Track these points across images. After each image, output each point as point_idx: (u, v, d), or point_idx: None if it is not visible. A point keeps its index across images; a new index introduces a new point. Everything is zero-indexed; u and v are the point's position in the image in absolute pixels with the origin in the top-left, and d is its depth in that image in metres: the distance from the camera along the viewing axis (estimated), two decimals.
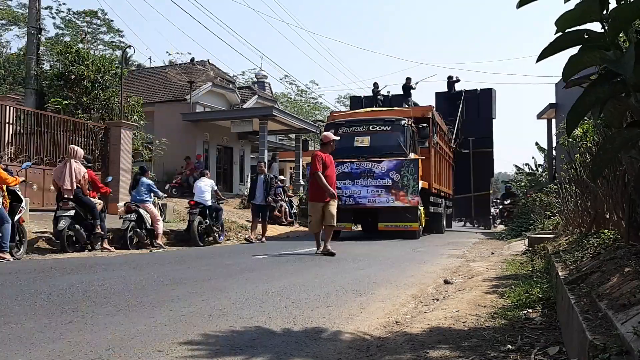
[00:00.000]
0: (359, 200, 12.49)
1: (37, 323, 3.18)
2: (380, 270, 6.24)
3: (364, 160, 12.55)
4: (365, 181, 12.46)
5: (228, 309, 3.69)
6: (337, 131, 13.06)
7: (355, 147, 12.93)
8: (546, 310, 3.42)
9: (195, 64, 26.46)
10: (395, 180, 12.31)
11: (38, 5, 15.86)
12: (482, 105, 22.78)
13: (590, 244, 4.40)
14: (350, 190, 12.53)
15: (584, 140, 5.62)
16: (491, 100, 22.80)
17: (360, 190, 12.47)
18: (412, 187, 12.26)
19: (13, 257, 7.51)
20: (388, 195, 12.35)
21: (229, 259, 7.60)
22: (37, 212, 10.75)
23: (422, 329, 3.14)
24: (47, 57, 25.35)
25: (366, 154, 12.72)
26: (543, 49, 1.67)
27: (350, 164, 12.58)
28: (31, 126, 12.49)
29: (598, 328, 2.02)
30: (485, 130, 22.36)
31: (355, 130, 13.31)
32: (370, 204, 12.48)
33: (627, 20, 1.52)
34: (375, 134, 13.14)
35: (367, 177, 12.46)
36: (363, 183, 12.46)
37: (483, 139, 22.06)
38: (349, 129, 13.37)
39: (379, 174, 12.41)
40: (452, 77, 23.97)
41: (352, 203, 12.52)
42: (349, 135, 13.11)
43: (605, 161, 1.71)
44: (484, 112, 22.73)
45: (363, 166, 12.50)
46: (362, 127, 13.35)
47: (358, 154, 12.76)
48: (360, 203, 12.51)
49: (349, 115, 15.39)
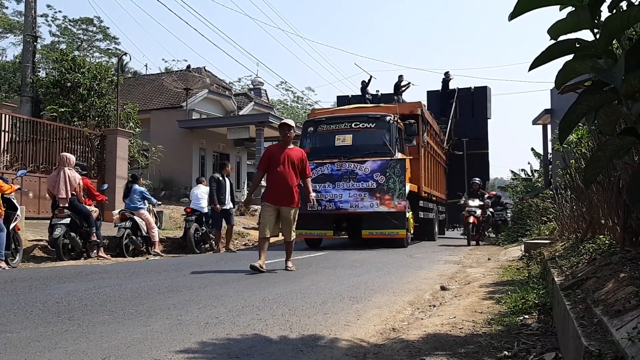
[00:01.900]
0: (340, 205, 11.40)
1: (33, 332, 3.17)
2: (377, 277, 6.24)
3: (345, 161, 11.48)
4: (347, 184, 11.40)
5: (224, 316, 3.68)
6: (316, 129, 12.33)
7: (336, 147, 11.92)
8: (542, 316, 3.43)
9: (191, 71, 26.52)
10: (380, 183, 11.25)
11: (34, 13, 15.87)
12: (477, 105, 21.52)
13: (586, 250, 4.41)
14: (330, 194, 11.47)
15: (579, 146, 5.66)
16: (486, 99, 21.59)
17: (342, 193, 11.41)
18: (398, 190, 11.22)
19: (9, 265, 7.48)
20: (372, 200, 11.27)
21: (225, 266, 7.58)
22: (33, 220, 10.73)
23: (418, 335, 3.14)
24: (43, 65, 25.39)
25: (348, 153, 11.65)
26: (535, 57, 1.69)
27: (331, 165, 11.55)
28: (27, 134, 12.49)
29: (593, 334, 2.03)
30: (479, 130, 21.05)
31: (336, 128, 12.24)
32: (353, 209, 11.39)
33: (618, 29, 1.54)
34: (357, 131, 12.04)
35: (348, 180, 11.39)
36: (344, 186, 11.41)
37: (477, 140, 20.72)
38: (329, 126, 12.36)
39: (362, 176, 11.36)
40: (448, 73, 22.51)
41: (333, 208, 11.49)
42: (329, 134, 12.21)
43: (597, 169, 1.73)
44: (479, 111, 21.48)
45: (344, 167, 11.45)
46: (343, 125, 12.22)
47: (339, 153, 11.72)
48: (341, 208, 11.44)
49: (331, 112, 14.28)
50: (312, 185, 11.69)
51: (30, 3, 15.58)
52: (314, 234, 12.03)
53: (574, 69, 1.62)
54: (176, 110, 22.94)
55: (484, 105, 21.46)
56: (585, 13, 1.55)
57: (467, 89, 22.01)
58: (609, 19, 1.54)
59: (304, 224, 11.08)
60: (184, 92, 23.00)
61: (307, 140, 12.33)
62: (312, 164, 10.79)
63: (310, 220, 11.18)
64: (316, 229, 11.79)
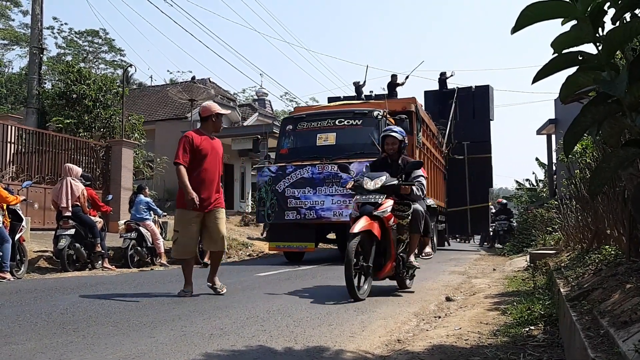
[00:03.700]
0: (322, 213, 9.96)
1: (38, 343, 3.17)
2: (381, 288, 6.22)
3: (328, 163, 10.01)
4: (330, 189, 9.94)
5: (229, 328, 3.67)
6: (295, 127, 11.06)
7: (318, 147, 10.50)
8: (548, 327, 3.41)
9: (196, 82, 26.65)
10: None
11: (40, 25, 16.02)
12: (478, 105, 19.82)
13: (592, 260, 4.39)
14: (311, 201, 10.06)
15: (584, 156, 5.65)
16: (488, 100, 19.95)
17: (324, 200, 9.95)
18: None
19: (14, 276, 7.50)
20: None
21: (230, 276, 7.58)
22: (38, 231, 10.76)
23: (424, 347, 3.13)
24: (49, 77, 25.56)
25: (331, 154, 10.17)
26: (539, 70, 1.70)
27: (312, 168, 10.13)
28: (33, 145, 12.56)
29: (600, 345, 2.02)
30: (481, 133, 19.36)
31: (318, 126, 10.81)
32: (336, 217, 9.87)
33: (620, 42, 1.55)
34: (342, 129, 10.60)
35: (332, 184, 9.92)
36: (327, 191, 9.96)
37: (479, 144, 19.09)
38: (310, 124, 10.93)
39: (347, 180, 9.97)
40: (444, 73, 20.80)
41: (314, 217, 10.05)
42: (310, 132, 10.81)
43: (603, 180, 1.73)
44: (480, 112, 19.76)
45: (327, 170, 9.98)
46: (326, 122, 10.78)
47: (321, 154, 10.31)
48: (323, 217, 9.99)
49: (314, 109, 12.86)
50: (290, 191, 10.43)
51: (36, 16, 15.73)
52: (292, 247, 10.80)
53: (578, 82, 1.63)
54: (181, 121, 23.02)
55: (486, 105, 19.92)
56: (588, 26, 1.57)
57: (468, 88, 20.41)
58: (611, 32, 1.55)
59: (282, 236, 10.69)
60: (189, 103, 23.07)
61: (285, 139, 11.15)
62: (291, 166, 10.34)
63: (288, 231, 10.49)
64: (295, 240, 10.63)
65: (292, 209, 10.22)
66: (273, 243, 11.14)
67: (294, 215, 10.19)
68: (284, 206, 10.29)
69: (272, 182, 10.46)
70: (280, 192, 10.34)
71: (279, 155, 11.18)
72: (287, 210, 10.26)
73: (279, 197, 10.34)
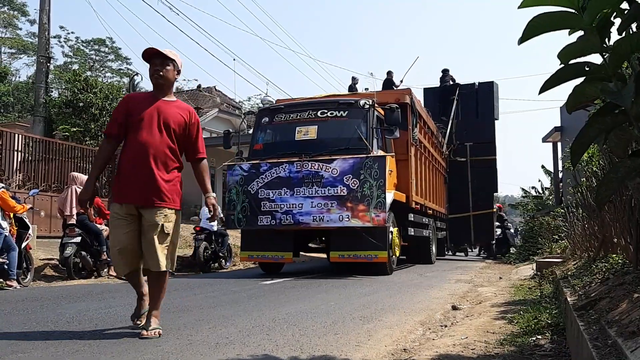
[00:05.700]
0: (301, 218, 8.59)
1: (45, 352, 3.17)
2: (387, 296, 6.20)
3: (307, 160, 8.70)
4: (310, 190, 8.57)
5: (235, 337, 3.67)
6: (272, 119, 9.73)
7: (297, 142, 9.18)
8: (555, 336, 3.39)
9: (201, 90, 26.79)
10: (352, 188, 8.34)
11: (47, 34, 16.17)
12: (481, 104, 18.05)
13: (599, 269, 4.37)
14: (287, 204, 8.68)
15: (590, 164, 5.64)
16: (492, 97, 18.12)
17: (303, 203, 8.58)
18: (376, 197, 8.26)
19: (20, 284, 7.52)
20: (342, 211, 8.35)
21: (235, 285, 7.57)
22: (44, 239, 10.81)
23: (430, 356, 3.11)
24: (55, 85, 25.74)
25: (311, 150, 8.89)
26: (545, 80, 1.71)
27: (289, 166, 8.78)
28: (39, 153, 12.65)
29: (608, 356, 2.01)
30: (485, 133, 17.60)
31: (297, 118, 9.45)
32: (316, 223, 8.53)
33: (627, 52, 1.56)
34: (324, 122, 9.23)
35: (311, 185, 8.57)
36: (306, 193, 8.59)
37: (483, 145, 17.44)
38: (289, 115, 9.57)
39: (329, 180, 8.49)
40: (447, 70, 18.98)
41: (291, 222, 8.65)
42: (288, 125, 9.47)
43: (610, 190, 1.73)
44: (484, 111, 17.98)
45: (306, 168, 8.65)
46: (306, 114, 9.43)
47: (300, 150, 8.98)
48: (301, 222, 8.61)
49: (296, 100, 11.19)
50: (264, 192, 8.84)
51: (44, 25, 15.88)
52: (267, 257, 9.34)
53: (585, 93, 1.63)
54: None
55: (490, 104, 18.09)
56: (595, 37, 1.57)
57: (471, 85, 18.50)
58: (617, 43, 1.56)
59: (255, 244, 9.34)
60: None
61: (260, 133, 9.91)
62: (265, 164, 8.97)
63: (262, 239, 9.17)
64: (270, 250, 9.19)
65: (265, 212, 8.79)
66: (245, 252, 9.71)
67: (268, 220, 8.76)
68: (257, 210, 8.86)
69: (243, 182, 9.04)
70: (252, 193, 8.93)
71: (252, 152, 9.80)
72: (261, 215, 8.84)
73: (251, 200, 8.94)
